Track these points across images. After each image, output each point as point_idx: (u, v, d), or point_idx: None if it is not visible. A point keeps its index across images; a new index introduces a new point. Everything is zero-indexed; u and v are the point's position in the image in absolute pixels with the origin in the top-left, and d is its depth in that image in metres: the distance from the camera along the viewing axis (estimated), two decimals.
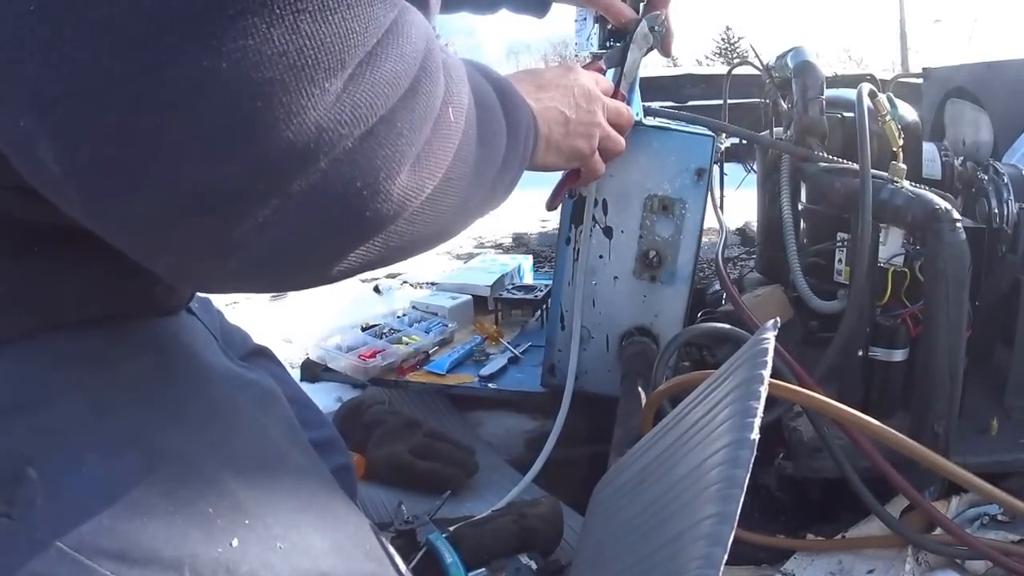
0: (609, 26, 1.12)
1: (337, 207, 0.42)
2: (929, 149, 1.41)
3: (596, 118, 0.88)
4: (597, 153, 0.92)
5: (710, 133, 1.24)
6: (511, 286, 2.02)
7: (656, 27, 1.06)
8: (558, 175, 1.05)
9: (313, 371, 1.72)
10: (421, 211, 0.49)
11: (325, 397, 1.65)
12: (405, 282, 2.60)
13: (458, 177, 0.53)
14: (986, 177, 1.28)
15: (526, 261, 2.25)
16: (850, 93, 1.25)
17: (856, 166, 1.15)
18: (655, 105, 1.30)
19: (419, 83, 0.45)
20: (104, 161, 0.37)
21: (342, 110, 0.40)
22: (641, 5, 1.09)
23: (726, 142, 1.61)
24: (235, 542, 0.55)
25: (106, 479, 0.52)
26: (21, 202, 0.48)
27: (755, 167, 1.84)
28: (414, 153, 0.45)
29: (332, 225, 0.43)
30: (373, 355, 1.62)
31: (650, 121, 1.23)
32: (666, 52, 1.10)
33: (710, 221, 1.40)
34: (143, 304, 0.62)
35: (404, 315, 1.92)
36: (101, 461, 0.52)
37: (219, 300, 0.98)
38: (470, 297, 1.95)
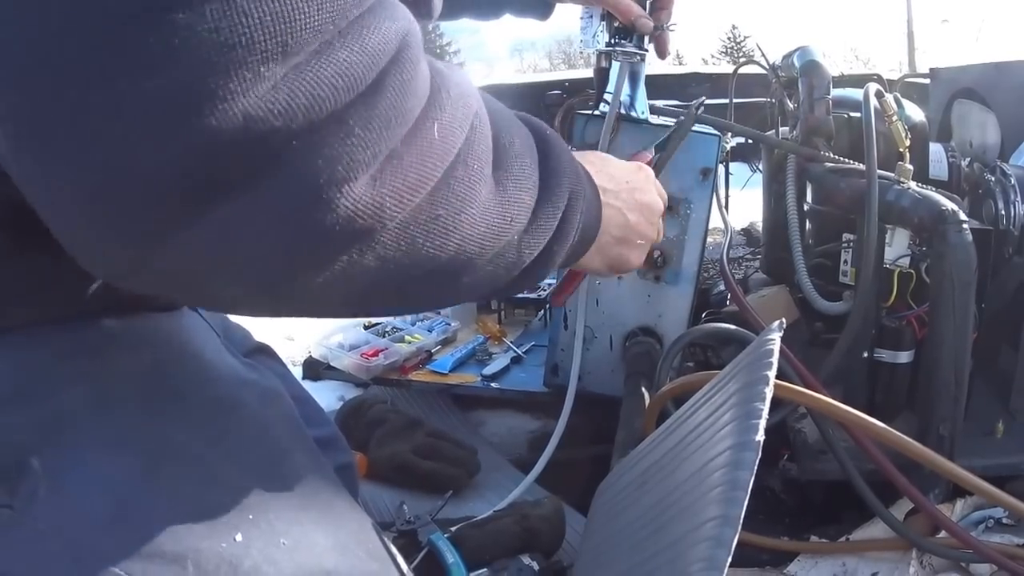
0: (616, 23, 1.11)
1: (270, 212, 0.38)
2: (936, 150, 1.40)
3: (654, 233, 0.79)
4: None
5: (716, 132, 1.23)
6: None
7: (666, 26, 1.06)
8: None
9: (315, 369, 1.72)
10: (399, 246, 0.43)
11: (327, 396, 1.65)
12: None
13: (449, 216, 0.46)
14: (993, 178, 1.27)
15: None
16: (857, 93, 1.24)
17: (862, 167, 1.15)
18: (660, 104, 1.29)
19: (385, 82, 0.40)
20: (35, 137, 0.35)
21: (276, 99, 0.36)
22: (648, 2, 1.08)
23: (732, 142, 1.60)
24: (239, 537, 0.55)
25: (110, 472, 0.52)
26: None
27: (761, 167, 1.83)
28: (374, 162, 0.40)
29: (266, 235, 0.38)
30: (375, 354, 1.61)
31: (656, 120, 1.22)
32: (663, 53, 1.10)
33: (715, 221, 1.40)
34: (144, 299, 0.62)
35: None
36: (105, 454, 0.52)
37: None
38: None
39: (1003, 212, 1.23)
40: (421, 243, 0.45)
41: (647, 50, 1.12)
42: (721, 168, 1.60)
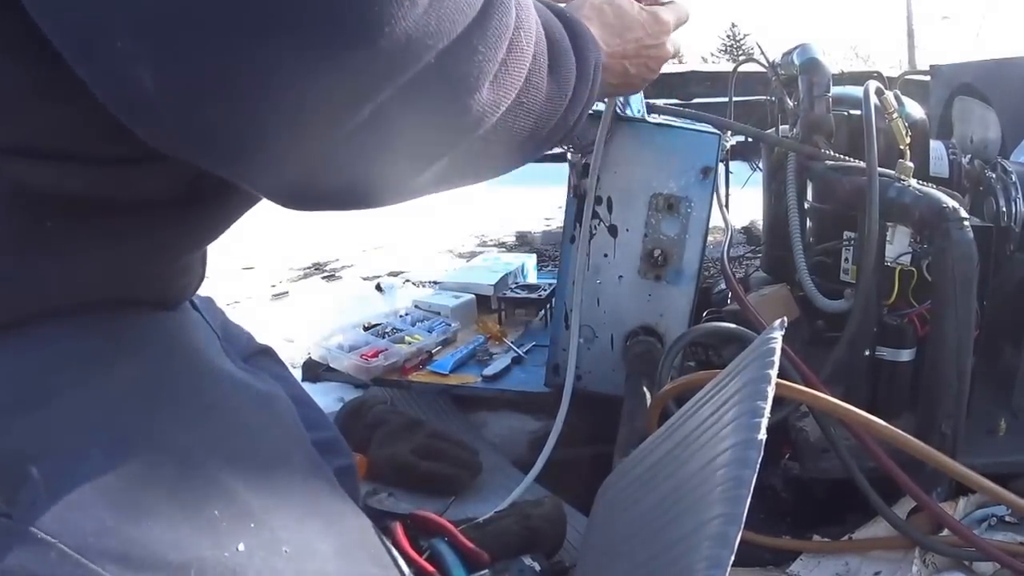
0: None
1: (421, 117, 0.46)
2: (936, 147, 1.40)
3: (653, 75, 0.88)
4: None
5: (716, 131, 1.23)
6: (514, 285, 2.01)
7: None
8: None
9: (315, 371, 1.71)
10: (496, 131, 0.53)
11: (327, 397, 1.65)
12: (407, 281, 2.60)
13: (530, 103, 0.57)
14: (994, 175, 1.27)
15: (530, 260, 2.24)
16: (857, 90, 1.24)
17: (863, 164, 1.14)
18: (660, 103, 1.29)
19: (490, 6, 0.47)
20: (202, 74, 0.39)
21: (428, 23, 0.42)
22: None
23: (732, 140, 1.60)
24: (241, 546, 0.54)
25: (109, 479, 0.51)
26: (38, 170, 0.48)
27: (761, 165, 1.83)
28: (492, 71, 0.49)
29: (417, 134, 0.48)
30: (375, 355, 1.61)
31: (655, 119, 1.22)
32: None
33: (715, 220, 1.40)
34: (146, 293, 0.62)
35: (407, 314, 1.91)
36: (104, 460, 0.52)
37: (220, 300, 0.98)
38: (473, 296, 1.94)
39: (1004, 209, 1.23)
40: (511, 125, 0.55)
41: None
42: (721, 167, 1.60)
